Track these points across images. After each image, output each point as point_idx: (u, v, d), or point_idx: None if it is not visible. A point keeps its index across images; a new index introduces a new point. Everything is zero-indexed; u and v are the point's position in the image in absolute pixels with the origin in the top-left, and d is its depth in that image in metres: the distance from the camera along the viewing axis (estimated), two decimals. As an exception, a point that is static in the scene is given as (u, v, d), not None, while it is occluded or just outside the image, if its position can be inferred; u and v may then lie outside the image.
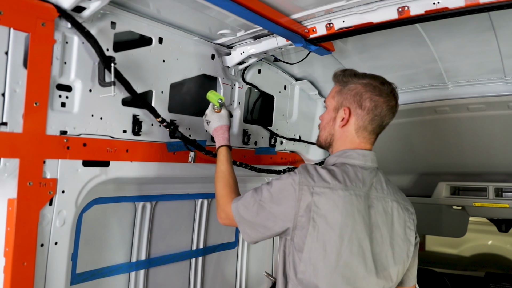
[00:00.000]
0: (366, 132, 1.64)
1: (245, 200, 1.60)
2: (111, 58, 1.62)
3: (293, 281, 1.48)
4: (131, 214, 2.07)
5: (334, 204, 1.45)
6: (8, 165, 1.42)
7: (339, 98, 1.66)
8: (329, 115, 1.69)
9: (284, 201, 1.49)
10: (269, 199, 1.53)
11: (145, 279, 2.14)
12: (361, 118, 1.61)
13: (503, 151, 3.04)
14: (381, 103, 1.60)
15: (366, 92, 1.60)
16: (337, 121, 1.65)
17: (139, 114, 1.86)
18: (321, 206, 1.45)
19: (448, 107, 2.73)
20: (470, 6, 1.62)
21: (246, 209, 1.58)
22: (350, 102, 1.62)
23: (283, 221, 1.49)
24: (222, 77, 2.27)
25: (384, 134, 1.97)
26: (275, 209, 1.51)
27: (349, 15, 1.88)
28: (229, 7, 1.66)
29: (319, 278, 1.43)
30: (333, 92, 1.70)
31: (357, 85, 1.62)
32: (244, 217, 1.59)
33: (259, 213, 1.53)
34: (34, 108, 1.47)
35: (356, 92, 1.61)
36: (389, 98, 1.62)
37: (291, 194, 1.47)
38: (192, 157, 2.02)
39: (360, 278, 1.48)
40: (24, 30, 1.43)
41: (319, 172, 1.51)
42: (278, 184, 1.53)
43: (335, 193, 1.46)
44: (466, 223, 3.75)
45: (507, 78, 2.49)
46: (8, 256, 1.44)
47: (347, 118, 1.62)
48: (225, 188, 1.76)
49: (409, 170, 3.65)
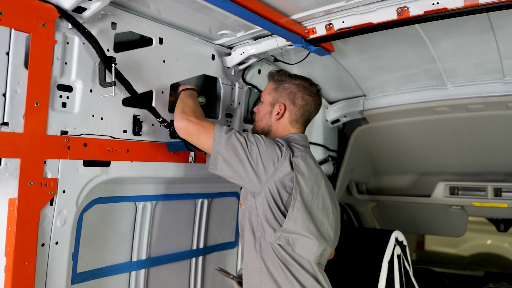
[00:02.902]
0: (298, 124, 1.94)
1: (234, 131, 1.71)
2: (112, 59, 1.62)
3: (271, 233, 1.67)
4: (131, 214, 2.07)
5: (308, 163, 1.74)
6: (9, 165, 1.43)
7: (274, 95, 1.94)
8: (266, 109, 1.95)
9: (272, 156, 1.68)
10: (262, 147, 1.68)
11: (146, 278, 2.14)
12: (294, 113, 1.91)
13: (502, 151, 3.05)
14: (310, 101, 1.93)
15: (298, 92, 1.91)
16: (273, 114, 1.93)
17: (140, 114, 1.87)
18: (300, 165, 1.70)
19: (447, 107, 2.74)
20: (469, 7, 1.63)
21: (236, 139, 1.67)
22: (285, 99, 1.91)
23: (266, 175, 1.66)
24: (222, 78, 2.28)
25: (384, 134, 1.98)
26: (263, 158, 1.66)
27: (348, 16, 1.88)
28: (229, 7, 1.67)
29: (299, 227, 1.66)
30: (269, 89, 1.97)
31: (291, 85, 1.92)
32: (228, 144, 1.65)
33: (248, 150, 1.66)
34: (35, 108, 1.48)
35: (290, 91, 1.91)
36: (316, 98, 1.96)
37: (278, 153, 1.69)
38: (192, 157, 2.03)
39: (325, 233, 1.76)
40: (25, 31, 1.44)
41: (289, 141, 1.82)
42: (268, 141, 1.73)
43: (306, 155, 1.76)
44: (465, 223, 3.76)
45: (506, 78, 2.49)
46: (9, 256, 1.45)
47: (282, 113, 1.91)
48: (194, 107, 1.82)
49: (408, 170, 3.66)
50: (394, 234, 2.76)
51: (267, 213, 1.68)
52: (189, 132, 1.72)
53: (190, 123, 1.70)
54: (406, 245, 2.86)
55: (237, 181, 1.72)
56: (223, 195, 2.54)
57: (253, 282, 1.73)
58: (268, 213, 1.68)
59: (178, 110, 1.79)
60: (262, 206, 1.69)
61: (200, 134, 1.70)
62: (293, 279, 1.66)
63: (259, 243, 1.71)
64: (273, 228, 1.67)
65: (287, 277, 1.66)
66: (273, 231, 1.67)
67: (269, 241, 1.68)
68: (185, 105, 1.81)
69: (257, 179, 1.67)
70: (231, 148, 1.66)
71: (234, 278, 2.00)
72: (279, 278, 1.67)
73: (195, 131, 1.70)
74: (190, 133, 1.72)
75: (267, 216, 1.68)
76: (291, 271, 1.66)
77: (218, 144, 1.67)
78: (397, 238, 2.79)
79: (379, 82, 2.81)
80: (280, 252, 1.68)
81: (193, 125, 1.70)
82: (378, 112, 2.98)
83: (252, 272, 1.73)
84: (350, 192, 3.92)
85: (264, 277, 1.69)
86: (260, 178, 1.67)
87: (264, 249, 1.70)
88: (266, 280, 1.69)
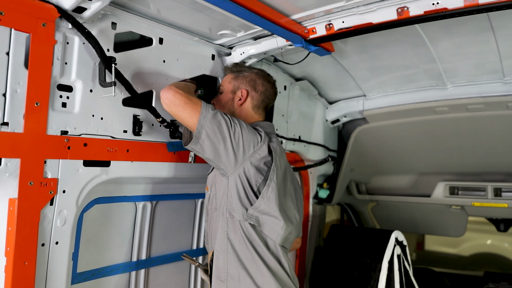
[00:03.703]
0: (260, 110, 2.02)
1: (219, 110, 1.74)
2: (112, 59, 1.62)
3: (243, 212, 1.72)
4: (131, 214, 2.07)
5: (281, 150, 1.84)
6: (9, 165, 1.43)
7: (235, 83, 2.01)
8: (227, 96, 2.01)
9: (252, 139, 1.73)
10: (244, 129, 1.74)
11: (146, 278, 2.14)
12: (256, 99, 2.00)
13: (502, 151, 3.05)
14: (269, 88, 2.04)
15: (258, 79, 2.01)
16: (235, 100, 1.99)
17: (140, 114, 1.87)
18: (277, 151, 1.79)
19: (447, 107, 2.74)
20: (469, 7, 1.63)
21: (222, 117, 1.70)
22: (246, 86, 1.99)
23: (243, 156, 1.71)
24: (222, 77, 2.28)
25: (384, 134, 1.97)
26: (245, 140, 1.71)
27: (348, 16, 1.88)
28: (229, 7, 1.67)
29: (270, 207, 1.74)
30: (229, 78, 2.04)
31: (251, 74, 2.02)
32: (214, 121, 1.67)
33: (232, 129, 1.70)
34: (35, 108, 1.48)
35: (251, 78, 2.00)
36: (273, 86, 2.07)
37: (258, 137, 1.76)
38: (192, 157, 2.03)
39: (292, 216, 1.86)
40: (25, 31, 1.44)
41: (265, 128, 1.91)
42: (248, 125, 1.79)
43: (278, 142, 1.86)
44: (465, 223, 3.76)
45: (506, 78, 2.49)
46: (9, 256, 1.45)
47: (245, 98, 1.98)
48: (185, 86, 1.84)
49: (408, 170, 3.66)
50: (394, 234, 2.77)
51: (240, 192, 1.72)
52: (174, 103, 1.68)
53: (177, 94, 1.68)
54: (406, 245, 2.86)
55: (214, 159, 1.73)
56: (223, 195, 2.53)
57: (219, 264, 1.76)
58: (241, 192, 1.72)
59: (166, 86, 1.77)
60: (236, 185, 1.73)
61: (186, 107, 1.68)
62: (258, 259, 1.71)
63: (227, 224, 1.75)
64: (244, 207, 1.72)
65: (253, 257, 1.71)
66: (245, 210, 1.72)
67: (238, 220, 1.72)
68: (177, 84, 1.79)
69: (235, 159, 1.71)
70: (216, 125, 1.68)
71: (200, 266, 2.03)
72: (244, 258, 1.71)
73: (181, 103, 1.67)
74: (175, 104, 1.68)
75: (240, 195, 1.72)
76: (257, 251, 1.72)
77: (205, 119, 1.67)
78: (397, 238, 2.79)
79: (379, 82, 2.81)
80: (249, 231, 1.72)
81: (180, 97, 1.68)
82: (378, 112, 2.98)
83: (218, 253, 1.76)
84: (350, 192, 3.92)
85: (230, 257, 1.73)
86: (237, 158, 1.71)
87: (232, 229, 1.74)
88: (232, 261, 1.72)
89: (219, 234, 1.77)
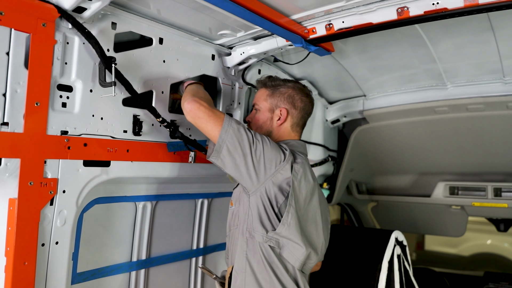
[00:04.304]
0: (298, 127, 1.95)
1: (243, 125, 1.70)
2: (112, 59, 1.62)
3: (263, 233, 1.66)
4: (131, 214, 2.07)
5: (306, 172, 1.74)
6: (9, 165, 1.43)
7: (272, 101, 1.91)
8: (265, 115, 1.92)
9: (275, 157, 1.67)
10: (267, 147, 1.67)
11: (146, 278, 2.14)
12: (295, 116, 1.91)
13: (502, 151, 3.05)
14: (308, 102, 1.95)
15: (296, 94, 1.91)
16: (274, 120, 1.90)
17: (140, 114, 1.87)
18: (299, 173, 1.70)
19: (447, 107, 2.74)
20: (469, 7, 1.63)
21: (244, 133, 1.65)
22: (285, 104, 1.90)
23: (265, 175, 1.65)
24: (222, 78, 2.28)
25: (384, 134, 1.97)
26: (266, 158, 1.65)
27: (348, 16, 1.88)
28: (229, 7, 1.67)
29: (291, 233, 1.66)
30: (264, 95, 1.93)
31: (288, 89, 1.91)
32: (235, 135, 1.63)
33: (253, 146, 1.65)
34: (35, 108, 1.48)
35: (288, 95, 1.90)
36: (310, 98, 1.98)
37: (281, 156, 1.68)
38: (192, 157, 2.03)
39: (313, 243, 1.75)
40: (25, 31, 1.44)
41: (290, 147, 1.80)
42: (272, 142, 1.72)
43: (305, 164, 1.76)
44: (465, 223, 3.76)
45: (506, 78, 2.49)
46: (9, 256, 1.45)
47: (285, 117, 1.89)
48: (205, 95, 1.81)
49: (408, 170, 3.66)
50: (394, 234, 2.77)
51: (261, 213, 1.67)
52: (198, 116, 1.68)
53: (201, 107, 1.67)
54: (406, 245, 2.86)
55: (235, 175, 1.70)
56: (223, 195, 2.54)
57: (237, 284, 1.71)
58: (262, 213, 1.67)
59: (188, 95, 1.75)
60: (257, 205, 1.67)
61: (209, 119, 1.67)
62: (276, 282, 1.65)
63: (246, 243, 1.70)
64: (265, 229, 1.66)
65: (271, 280, 1.65)
66: (265, 232, 1.66)
67: (258, 241, 1.67)
68: (196, 93, 1.78)
69: (256, 177, 1.66)
70: (237, 140, 1.64)
71: (216, 278, 1.99)
72: (262, 280, 1.66)
73: (205, 115, 1.67)
74: (199, 117, 1.68)
75: (261, 216, 1.67)
76: (276, 274, 1.66)
77: (226, 133, 1.65)
78: (397, 238, 2.79)
79: (379, 82, 2.81)
80: (268, 253, 1.67)
81: (204, 109, 1.67)
82: (378, 112, 2.98)
83: (237, 272, 1.72)
84: (350, 192, 3.92)
85: (248, 278, 1.68)
86: (259, 176, 1.66)
87: (251, 249, 1.69)
88: (250, 282, 1.67)
89: (237, 253, 1.72)
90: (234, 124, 1.67)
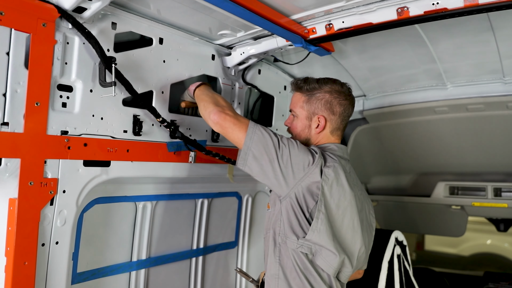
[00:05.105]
0: (339, 131, 1.87)
1: (268, 130, 1.67)
2: (112, 59, 1.62)
3: (294, 239, 1.62)
4: (131, 214, 2.07)
5: (338, 176, 1.65)
6: (9, 165, 1.43)
7: (309, 108, 1.83)
8: (303, 123, 1.85)
9: (303, 161, 1.61)
10: (295, 150, 1.63)
11: (146, 278, 2.14)
12: (334, 122, 1.83)
13: (502, 151, 3.05)
14: (347, 105, 1.84)
15: (334, 99, 1.81)
16: (312, 128, 1.83)
17: (140, 114, 1.87)
18: (330, 177, 1.62)
19: (447, 107, 2.74)
20: (469, 7, 1.63)
21: (269, 138, 1.63)
22: (322, 110, 1.81)
23: (294, 179, 1.60)
24: (222, 78, 2.28)
25: (384, 134, 1.96)
26: (294, 162, 1.60)
27: (348, 16, 1.88)
28: (229, 7, 1.67)
29: (322, 239, 1.60)
30: (300, 102, 1.86)
31: (325, 94, 1.81)
32: (260, 142, 1.62)
33: (279, 151, 1.61)
34: (35, 108, 1.48)
35: (325, 100, 1.81)
36: (351, 98, 1.86)
37: (310, 159, 1.62)
38: (192, 157, 2.03)
39: (348, 250, 1.67)
40: (25, 31, 1.44)
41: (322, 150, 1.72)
42: (301, 145, 1.67)
43: (339, 167, 1.67)
44: (465, 223, 3.76)
45: (506, 78, 2.49)
46: (9, 256, 1.45)
47: (323, 125, 1.82)
48: (225, 100, 1.80)
49: (408, 170, 3.66)
50: (394, 234, 2.77)
51: (291, 218, 1.63)
52: (224, 126, 1.68)
53: (227, 117, 1.68)
54: (406, 245, 2.87)
55: (264, 181, 1.67)
56: (223, 195, 2.54)
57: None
58: (293, 219, 1.62)
59: (209, 104, 1.75)
60: (287, 211, 1.64)
61: (235, 127, 1.67)
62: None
63: (279, 249, 1.67)
64: (296, 235, 1.62)
65: (305, 287, 1.61)
66: (296, 238, 1.62)
67: (291, 248, 1.63)
68: (215, 99, 1.77)
69: (285, 182, 1.62)
70: (262, 146, 1.63)
71: (253, 282, 1.97)
72: (296, 287, 1.62)
73: (231, 124, 1.67)
74: (224, 127, 1.68)
75: (292, 222, 1.63)
76: (309, 281, 1.62)
77: (251, 140, 1.64)
78: (397, 238, 2.79)
79: (379, 82, 2.81)
80: (301, 260, 1.62)
81: (230, 119, 1.67)
82: (378, 112, 2.98)
83: (270, 279, 1.70)
84: (350, 192, 3.92)
85: (281, 284, 1.65)
86: (287, 181, 1.62)
87: (284, 256, 1.65)
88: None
89: (270, 258, 1.70)
90: (258, 130, 1.65)
